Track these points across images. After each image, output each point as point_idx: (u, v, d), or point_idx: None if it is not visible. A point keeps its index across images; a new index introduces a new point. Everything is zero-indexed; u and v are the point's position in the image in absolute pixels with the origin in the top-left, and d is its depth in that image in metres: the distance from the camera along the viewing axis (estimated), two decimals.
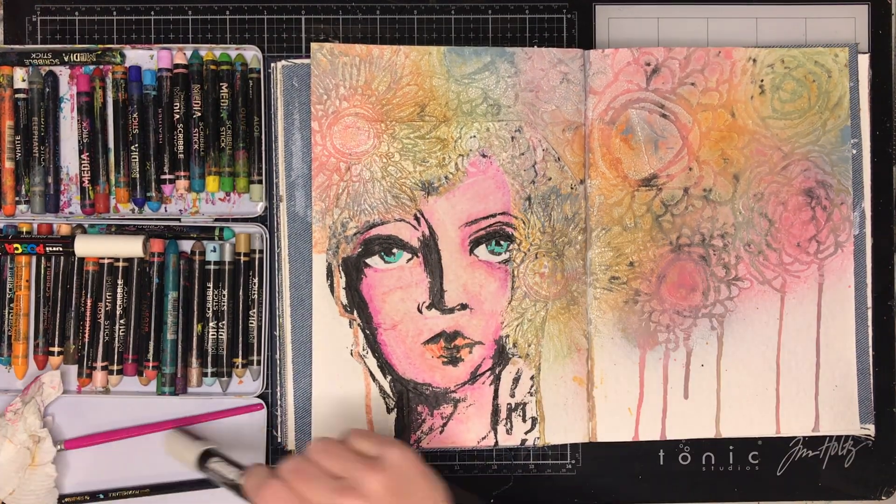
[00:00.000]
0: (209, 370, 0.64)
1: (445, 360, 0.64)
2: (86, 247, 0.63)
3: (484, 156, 0.64)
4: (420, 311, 0.64)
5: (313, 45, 0.64)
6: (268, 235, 0.65)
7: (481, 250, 0.64)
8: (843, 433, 0.66)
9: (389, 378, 0.64)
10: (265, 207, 0.65)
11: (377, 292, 0.64)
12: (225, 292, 0.64)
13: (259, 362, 0.64)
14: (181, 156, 0.64)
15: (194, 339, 0.64)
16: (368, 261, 0.64)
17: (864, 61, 0.66)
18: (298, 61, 0.64)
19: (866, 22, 0.68)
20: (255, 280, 0.64)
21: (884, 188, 0.67)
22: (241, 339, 0.64)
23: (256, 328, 0.64)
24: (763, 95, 0.66)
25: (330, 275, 0.64)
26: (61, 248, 0.63)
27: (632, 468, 0.67)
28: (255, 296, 0.64)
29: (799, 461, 0.67)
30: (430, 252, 0.64)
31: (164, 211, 0.65)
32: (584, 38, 0.67)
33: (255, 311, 0.64)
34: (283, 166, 0.64)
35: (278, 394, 0.64)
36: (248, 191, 0.65)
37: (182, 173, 0.64)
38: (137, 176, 0.64)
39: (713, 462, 0.67)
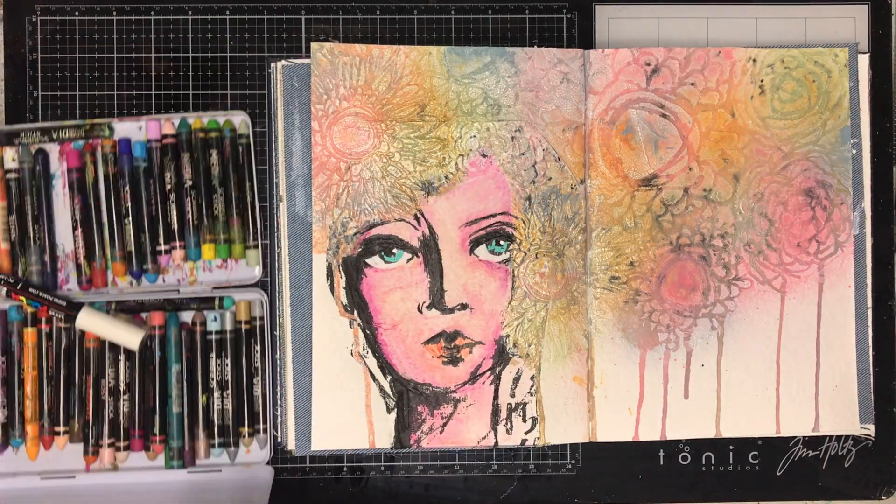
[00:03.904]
0: (216, 441, 0.64)
1: (445, 360, 0.64)
2: (88, 322, 0.62)
3: (484, 156, 0.64)
4: (420, 310, 0.64)
5: (313, 45, 0.64)
6: (268, 301, 0.64)
7: (481, 250, 0.64)
8: (843, 433, 0.66)
9: (389, 378, 0.64)
10: (262, 272, 0.65)
11: (377, 292, 0.64)
12: (228, 361, 0.64)
13: (265, 430, 0.64)
14: (175, 226, 0.64)
15: (199, 410, 0.64)
16: (368, 261, 0.64)
17: (864, 61, 0.66)
18: (298, 61, 0.64)
19: (866, 22, 0.68)
20: (258, 347, 0.64)
21: (884, 188, 0.67)
22: (245, 407, 0.64)
23: (261, 396, 0.64)
24: (763, 95, 0.65)
25: (330, 275, 0.64)
26: (65, 306, 0.62)
27: (632, 468, 0.67)
28: (258, 363, 0.64)
29: (799, 461, 0.67)
30: (430, 252, 0.64)
31: (163, 281, 0.65)
32: (584, 38, 0.67)
33: (258, 378, 0.64)
34: (283, 166, 0.64)
35: (278, 394, 0.64)
36: (244, 256, 0.65)
37: (177, 243, 0.64)
38: (133, 249, 0.64)
39: (713, 462, 0.67)
